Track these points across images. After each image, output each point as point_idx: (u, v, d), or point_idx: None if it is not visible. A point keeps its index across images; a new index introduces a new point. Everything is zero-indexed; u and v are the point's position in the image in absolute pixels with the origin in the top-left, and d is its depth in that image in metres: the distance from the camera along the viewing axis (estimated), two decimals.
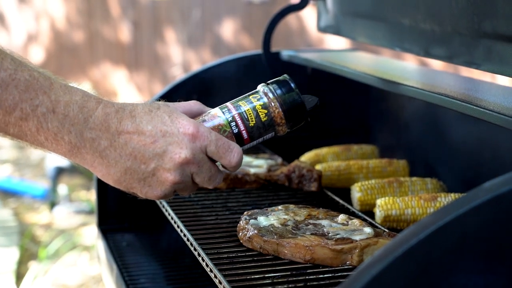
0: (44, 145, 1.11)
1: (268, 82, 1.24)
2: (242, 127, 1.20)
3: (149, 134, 1.13)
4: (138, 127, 1.13)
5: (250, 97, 1.22)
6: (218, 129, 1.20)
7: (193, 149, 1.14)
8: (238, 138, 1.20)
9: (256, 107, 1.21)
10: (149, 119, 1.14)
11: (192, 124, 1.15)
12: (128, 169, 1.13)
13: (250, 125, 1.20)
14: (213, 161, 1.18)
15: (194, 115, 1.22)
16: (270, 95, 1.22)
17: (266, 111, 1.21)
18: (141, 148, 1.13)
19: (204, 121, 1.20)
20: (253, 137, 1.21)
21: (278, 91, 1.22)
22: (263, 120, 1.21)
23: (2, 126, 1.09)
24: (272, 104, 1.21)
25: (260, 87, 1.24)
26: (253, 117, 1.20)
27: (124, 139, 1.12)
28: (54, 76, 1.12)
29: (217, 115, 1.21)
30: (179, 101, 1.23)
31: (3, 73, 1.06)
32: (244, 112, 1.20)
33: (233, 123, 1.20)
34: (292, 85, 1.23)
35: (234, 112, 1.20)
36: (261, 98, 1.22)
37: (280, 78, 1.24)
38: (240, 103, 1.22)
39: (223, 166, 1.20)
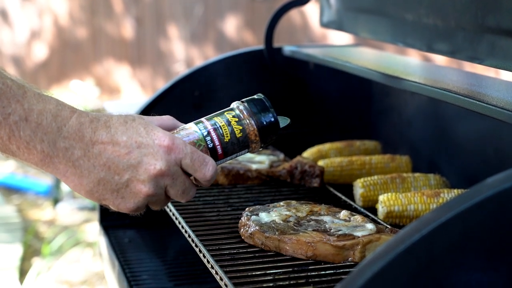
0: (16, 154, 1.09)
1: (243, 100, 1.25)
2: (217, 142, 1.20)
3: (124, 145, 1.11)
4: (113, 137, 1.11)
5: (225, 113, 1.23)
6: (194, 143, 1.19)
7: (168, 161, 1.13)
8: (212, 153, 1.20)
9: (232, 123, 1.21)
10: (124, 130, 1.12)
11: (167, 136, 1.13)
12: (102, 180, 1.11)
13: (225, 140, 1.20)
14: (187, 174, 1.17)
15: (167, 130, 1.20)
16: (246, 112, 1.22)
17: (241, 127, 1.22)
18: (115, 159, 1.11)
19: (179, 134, 1.20)
20: (227, 153, 1.21)
21: (254, 109, 1.23)
22: (238, 136, 1.21)
23: None
24: (247, 121, 1.22)
25: (235, 105, 1.24)
26: (228, 132, 1.21)
27: (98, 149, 1.10)
28: (28, 84, 1.10)
29: (192, 129, 1.21)
30: (153, 115, 1.21)
31: None
32: (219, 128, 1.21)
33: (208, 138, 1.20)
34: (267, 104, 1.24)
35: (209, 127, 1.21)
36: (237, 115, 1.22)
37: (255, 96, 1.25)
38: (215, 118, 1.22)
39: (196, 180, 1.19)
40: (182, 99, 2.14)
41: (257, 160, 1.86)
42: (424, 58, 4.98)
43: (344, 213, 1.45)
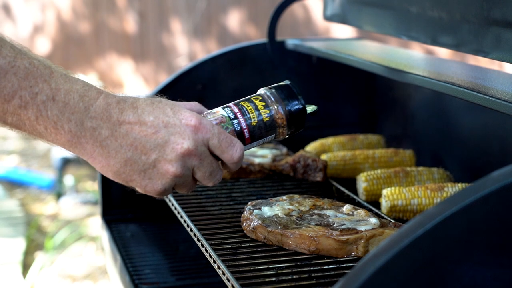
0: (43, 134, 1.08)
1: (270, 86, 1.26)
2: (244, 126, 1.20)
3: (151, 124, 1.11)
4: (140, 117, 1.11)
5: (252, 98, 1.24)
6: (220, 126, 1.19)
7: (195, 140, 1.12)
8: (239, 136, 1.21)
9: (259, 108, 1.22)
10: (151, 110, 1.12)
11: (194, 116, 1.13)
12: (128, 160, 1.11)
13: (252, 124, 1.21)
14: (214, 156, 1.17)
15: None
16: (273, 98, 1.23)
17: (268, 111, 1.22)
18: (142, 139, 1.11)
19: (206, 117, 1.20)
20: (254, 137, 1.22)
21: (281, 95, 1.24)
22: (265, 120, 1.22)
23: (0, 115, 1.06)
24: (275, 106, 1.23)
25: (262, 91, 1.25)
26: (255, 116, 1.21)
27: (125, 129, 1.10)
28: (54, 65, 1.10)
29: (220, 113, 1.21)
30: (179, 101, 1.21)
31: (2, 60, 1.04)
32: (246, 111, 1.21)
33: (235, 121, 1.20)
34: (295, 90, 1.25)
35: (236, 110, 1.21)
36: (264, 100, 1.23)
37: (282, 83, 1.26)
38: (242, 103, 1.23)
39: (222, 164, 1.19)
40: (184, 93, 2.13)
41: (260, 154, 1.85)
42: (427, 51, 4.96)
43: (347, 207, 1.44)
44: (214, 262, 1.28)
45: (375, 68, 1.74)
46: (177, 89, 2.13)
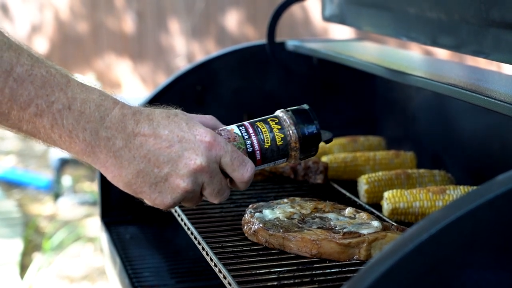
0: (57, 143, 1.09)
1: (288, 109, 1.25)
2: (256, 147, 1.20)
3: (166, 138, 1.11)
4: (155, 130, 1.11)
5: (269, 120, 1.23)
6: (233, 144, 1.19)
7: (208, 157, 1.12)
8: (251, 157, 1.20)
9: (274, 130, 1.21)
10: (166, 124, 1.12)
11: (209, 133, 1.14)
12: (141, 171, 1.11)
13: (265, 146, 1.20)
14: (224, 174, 1.17)
15: None
16: (289, 121, 1.22)
17: (283, 136, 1.21)
18: (156, 152, 1.11)
19: (220, 135, 1.20)
20: (265, 159, 1.21)
21: (298, 119, 1.22)
22: (278, 144, 1.21)
23: (15, 123, 1.07)
24: (290, 130, 1.22)
25: (279, 112, 1.24)
26: (269, 139, 1.20)
27: (139, 141, 1.10)
28: (71, 74, 1.10)
29: (234, 132, 1.20)
30: (195, 114, 1.21)
31: (19, 68, 1.04)
32: (261, 133, 1.21)
33: (248, 142, 1.19)
34: (312, 115, 1.24)
35: (251, 131, 1.20)
36: (280, 123, 1.22)
37: (300, 107, 1.25)
38: (257, 124, 1.22)
39: (231, 182, 1.19)
40: (184, 94, 2.12)
41: None
42: (425, 52, 4.95)
43: (349, 210, 1.43)
44: (215, 265, 1.27)
45: (377, 69, 1.73)
46: (177, 90, 2.12)
